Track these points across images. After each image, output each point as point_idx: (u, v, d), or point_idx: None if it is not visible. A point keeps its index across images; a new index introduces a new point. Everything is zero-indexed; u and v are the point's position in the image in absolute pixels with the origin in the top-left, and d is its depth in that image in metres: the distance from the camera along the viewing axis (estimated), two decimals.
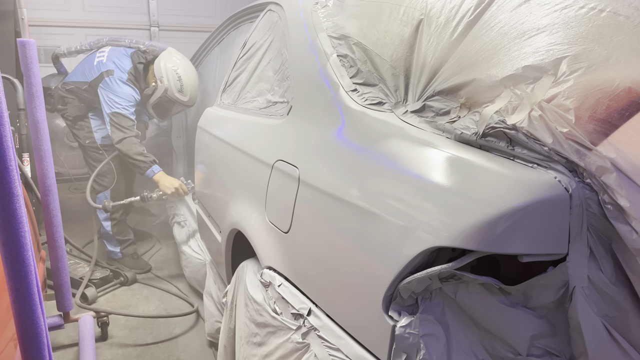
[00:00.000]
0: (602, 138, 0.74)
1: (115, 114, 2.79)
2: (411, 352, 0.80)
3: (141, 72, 2.93)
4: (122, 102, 2.80)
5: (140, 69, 2.92)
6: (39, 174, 1.84)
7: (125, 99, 2.82)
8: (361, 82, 1.19)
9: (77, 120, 3.03)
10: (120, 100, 2.80)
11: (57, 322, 2.12)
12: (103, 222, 3.03)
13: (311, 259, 1.12)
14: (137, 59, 2.92)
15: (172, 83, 2.85)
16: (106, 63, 2.87)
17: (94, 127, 3.00)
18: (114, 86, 2.80)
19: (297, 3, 1.63)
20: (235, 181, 1.66)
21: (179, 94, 2.88)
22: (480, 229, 0.72)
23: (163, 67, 2.85)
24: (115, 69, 2.84)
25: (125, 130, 2.78)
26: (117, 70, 2.84)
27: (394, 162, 0.94)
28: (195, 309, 2.53)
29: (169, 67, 2.85)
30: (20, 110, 2.81)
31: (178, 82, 2.86)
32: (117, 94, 2.80)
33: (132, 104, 2.85)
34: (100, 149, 3.00)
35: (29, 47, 1.73)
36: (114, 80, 2.81)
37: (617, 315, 0.74)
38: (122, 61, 2.89)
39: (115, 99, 2.79)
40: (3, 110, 0.82)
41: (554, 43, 0.85)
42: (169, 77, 2.84)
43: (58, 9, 4.66)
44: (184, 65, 2.91)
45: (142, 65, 2.92)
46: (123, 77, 2.83)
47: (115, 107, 2.79)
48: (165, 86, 2.85)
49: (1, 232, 0.85)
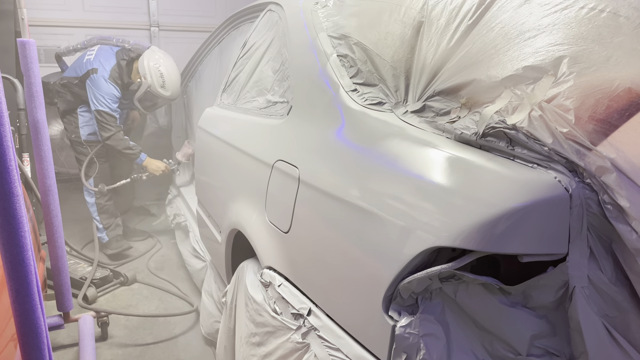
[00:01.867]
0: (602, 138, 0.74)
1: (99, 112, 3.04)
2: (411, 352, 0.80)
3: (124, 68, 3.12)
4: (105, 99, 3.03)
5: (124, 65, 3.12)
6: (39, 174, 1.84)
7: (107, 96, 3.04)
8: (361, 82, 1.19)
9: (65, 114, 3.25)
10: (103, 99, 3.02)
11: (57, 322, 2.12)
12: (90, 208, 3.27)
13: (311, 259, 1.12)
14: (120, 56, 3.13)
15: (154, 79, 3.08)
16: (92, 61, 3.09)
17: (80, 123, 3.21)
18: (97, 83, 3.03)
19: (297, 3, 1.63)
20: (235, 181, 1.66)
21: (161, 90, 3.12)
22: (480, 229, 0.72)
23: (146, 65, 3.07)
24: (100, 66, 3.05)
25: (110, 127, 3.05)
26: (101, 68, 3.05)
27: (394, 162, 0.94)
28: (194, 309, 2.53)
29: (152, 65, 3.07)
30: (20, 110, 2.83)
31: (160, 79, 3.09)
32: (100, 91, 3.03)
33: (114, 101, 3.07)
34: (83, 144, 3.22)
35: (29, 47, 1.73)
36: (98, 78, 3.03)
37: (617, 315, 0.74)
38: (107, 59, 3.11)
39: (99, 97, 3.02)
40: (3, 110, 0.82)
41: (554, 43, 0.85)
42: (152, 74, 3.07)
43: (58, 9, 4.66)
44: (165, 63, 3.13)
45: (124, 61, 3.12)
46: (105, 75, 3.05)
47: (100, 104, 3.03)
48: (149, 83, 3.08)
49: (1, 232, 0.85)
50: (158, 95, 3.14)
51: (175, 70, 3.18)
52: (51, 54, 3.49)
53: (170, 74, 3.12)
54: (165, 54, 3.20)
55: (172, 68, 3.16)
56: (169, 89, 3.13)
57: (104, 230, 3.26)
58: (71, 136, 3.24)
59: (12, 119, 2.72)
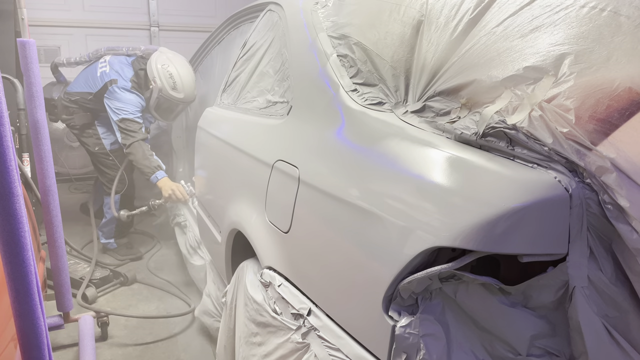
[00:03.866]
0: (602, 138, 0.74)
1: (123, 120, 2.86)
2: (411, 352, 0.80)
3: (142, 78, 2.97)
4: (128, 107, 2.87)
5: (142, 75, 2.97)
6: (39, 174, 1.84)
7: (131, 104, 2.88)
8: (361, 82, 1.19)
9: (84, 129, 3.11)
10: (126, 107, 2.86)
11: (57, 322, 2.12)
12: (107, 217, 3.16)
13: (311, 259, 1.12)
14: (137, 66, 2.98)
15: (164, 82, 2.87)
16: (109, 73, 2.93)
17: (101, 133, 3.08)
18: (119, 94, 2.87)
19: (297, 3, 1.63)
20: (235, 181, 1.66)
21: (173, 92, 2.90)
22: (480, 229, 0.72)
23: (154, 68, 2.89)
24: (119, 77, 2.90)
25: (133, 135, 2.86)
26: (121, 79, 2.90)
27: (394, 162, 0.94)
28: (192, 309, 2.53)
29: (159, 67, 2.89)
30: (20, 110, 2.82)
31: (170, 80, 2.88)
32: (122, 101, 2.86)
33: (138, 109, 2.91)
34: (110, 155, 3.08)
35: (29, 47, 1.73)
36: (118, 89, 2.88)
37: (617, 315, 0.74)
38: (124, 70, 2.95)
39: (121, 106, 2.86)
40: (3, 110, 0.82)
41: (555, 43, 0.85)
42: (161, 76, 2.87)
43: (58, 9, 4.66)
44: (175, 63, 2.92)
45: (143, 71, 2.97)
46: (127, 86, 2.90)
47: (122, 113, 2.86)
48: (159, 86, 2.88)
49: (1, 232, 0.85)
50: (170, 99, 2.92)
51: (186, 69, 2.95)
52: (51, 54, 3.43)
53: (180, 75, 2.89)
54: (175, 54, 2.99)
55: (183, 67, 2.94)
56: (182, 90, 2.90)
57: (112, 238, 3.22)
58: (94, 149, 3.09)
59: (12, 119, 2.72)
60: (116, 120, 2.87)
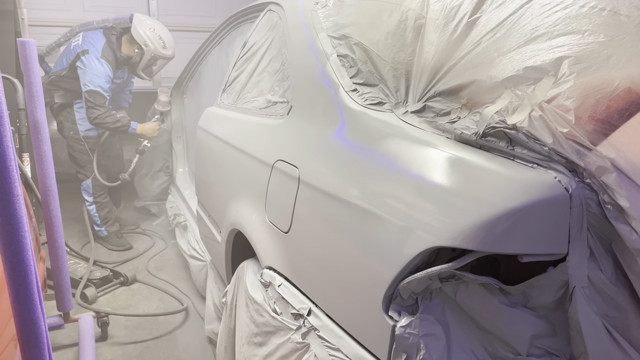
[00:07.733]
0: (602, 138, 0.74)
1: (90, 92, 3.05)
2: (411, 352, 0.80)
3: (115, 43, 3.19)
4: (97, 79, 3.05)
5: (114, 40, 3.19)
6: (39, 174, 1.84)
7: (100, 77, 3.07)
8: (361, 82, 1.19)
9: (61, 110, 3.26)
10: (95, 79, 3.04)
11: (57, 322, 2.12)
12: (88, 207, 3.34)
13: (311, 259, 1.12)
14: (108, 33, 3.19)
15: (156, 44, 3.21)
16: (81, 44, 3.12)
17: (78, 119, 3.24)
18: (90, 63, 3.05)
19: (297, 3, 1.63)
20: (235, 181, 1.66)
21: (164, 51, 3.27)
22: (480, 229, 0.72)
23: (142, 33, 3.16)
24: (90, 47, 3.09)
25: (98, 108, 3.07)
26: (92, 48, 3.08)
27: (394, 162, 0.94)
28: (184, 307, 2.53)
29: (148, 32, 3.18)
30: (20, 110, 2.83)
31: (160, 41, 3.23)
32: (93, 71, 3.04)
33: (107, 81, 3.11)
34: (82, 140, 3.25)
35: (29, 47, 1.73)
36: (90, 58, 3.06)
37: (617, 315, 0.74)
38: (95, 40, 3.14)
39: (91, 78, 3.04)
40: (3, 110, 0.82)
41: (555, 44, 0.85)
42: (152, 39, 3.18)
43: (58, 9, 4.65)
44: (157, 26, 3.26)
45: (114, 36, 3.19)
46: (97, 54, 3.08)
47: (91, 84, 3.04)
48: (152, 49, 3.20)
49: (1, 232, 0.85)
50: (162, 57, 3.29)
51: (165, 28, 3.32)
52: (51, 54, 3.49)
53: (166, 34, 3.26)
54: (150, 18, 3.33)
55: (163, 27, 3.30)
56: (169, 47, 3.28)
57: (102, 225, 3.36)
58: (68, 133, 3.25)
59: (12, 119, 2.72)
60: (85, 92, 3.05)
